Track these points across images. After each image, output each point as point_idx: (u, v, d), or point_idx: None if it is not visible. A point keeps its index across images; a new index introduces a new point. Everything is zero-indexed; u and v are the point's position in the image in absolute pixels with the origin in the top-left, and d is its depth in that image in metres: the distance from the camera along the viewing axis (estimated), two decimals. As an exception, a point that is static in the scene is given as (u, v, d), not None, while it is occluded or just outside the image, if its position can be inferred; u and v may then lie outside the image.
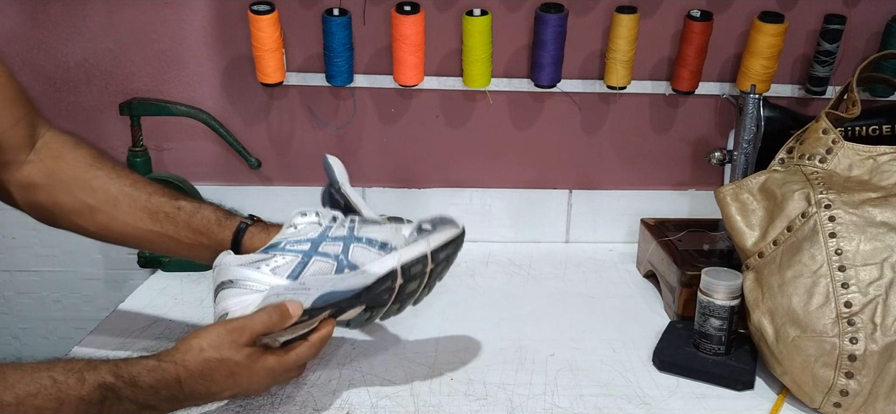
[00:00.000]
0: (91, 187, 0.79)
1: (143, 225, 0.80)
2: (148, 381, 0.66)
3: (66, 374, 0.63)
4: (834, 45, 1.11)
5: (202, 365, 0.68)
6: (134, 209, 0.80)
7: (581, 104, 1.19)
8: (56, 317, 1.28)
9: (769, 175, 0.91)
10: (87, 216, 0.80)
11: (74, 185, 0.79)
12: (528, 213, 1.24)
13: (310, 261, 0.77)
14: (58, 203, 0.79)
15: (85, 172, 0.80)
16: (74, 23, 1.12)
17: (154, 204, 0.81)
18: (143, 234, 0.81)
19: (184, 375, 0.67)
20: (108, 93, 1.16)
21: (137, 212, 0.80)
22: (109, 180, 0.80)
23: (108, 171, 0.81)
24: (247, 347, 0.71)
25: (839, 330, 0.77)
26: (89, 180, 0.80)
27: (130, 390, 0.65)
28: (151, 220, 0.81)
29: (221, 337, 0.70)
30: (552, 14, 1.07)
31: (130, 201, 0.80)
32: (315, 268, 0.76)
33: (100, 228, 0.80)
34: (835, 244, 0.80)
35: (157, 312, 0.99)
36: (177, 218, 0.81)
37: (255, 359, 0.71)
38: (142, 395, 0.65)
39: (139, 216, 0.80)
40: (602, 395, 0.83)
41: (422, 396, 0.82)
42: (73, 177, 0.79)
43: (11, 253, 1.23)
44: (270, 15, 1.05)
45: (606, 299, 1.06)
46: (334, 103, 1.18)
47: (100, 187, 0.80)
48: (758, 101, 1.01)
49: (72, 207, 0.79)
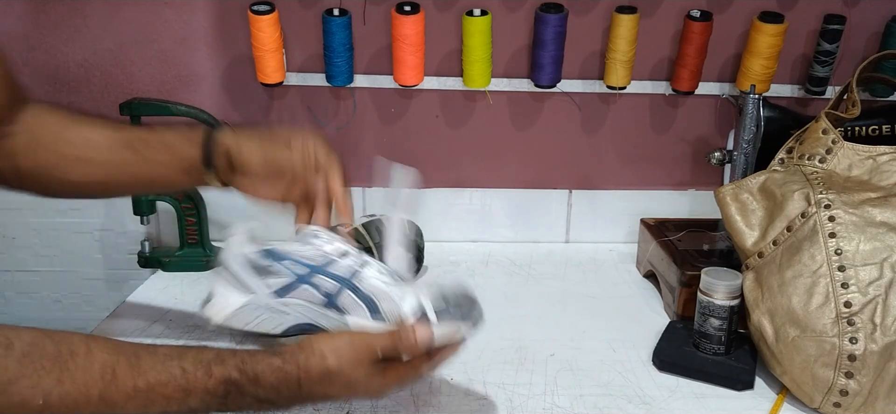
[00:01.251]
0: (69, 140, 0.80)
1: (121, 157, 0.80)
2: (271, 380, 0.66)
3: (196, 365, 0.63)
4: (834, 46, 1.11)
5: (323, 372, 0.68)
6: (111, 146, 0.80)
7: (581, 104, 1.19)
8: (56, 317, 1.28)
9: (769, 175, 0.91)
10: (66, 168, 0.80)
11: (54, 143, 0.79)
12: (528, 213, 1.24)
13: (300, 286, 0.75)
14: (39, 163, 0.79)
15: (64, 129, 0.80)
16: (75, 23, 1.12)
17: (130, 135, 0.81)
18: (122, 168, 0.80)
19: (304, 378, 0.67)
20: (109, 93, 1.16)
21: (114, 148, 0.80)
22: (86, 127, 0.81)
23: (84, 121, 0.82)
24: (369, 365, 0.69)
25: (839, 330, 0.77)
26: (67, 134, 0.80)
27: (253, 387, 0.65)
28: (130, 151, 0.80)
29: (345, 349, 0.69)
30: (552, 14, 1.07)
31: (107, 140, 0.80)
32: (302, 294, 0.75)
33: (83, 178, 0.80)
34: (834, 244, 0.80)
35: (157, 312, 0.99)
36: (150, 140, 0.81)
37: (374, 376, 0.70)
38: (263, 392, 0.66)
39: (118, 151, 0.80)
40: (602, 395, 0.83)
41: (422, 396, 0.82)
42: (53, 136, 0.80)
43: (11, 253, 1.23)
44: (270, 15, 1.05)
45: (606, 299, 1.06)
46: (334, 103, 1.18)
47: (76, 137, 0.80)
48: (758, 101, 1.01)
49: (53, 163, 0.79)
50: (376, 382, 0.70)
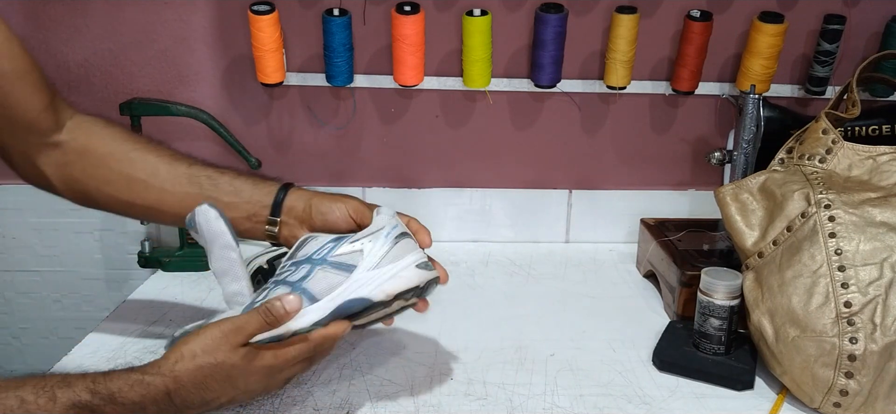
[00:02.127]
0: (129, 159, 0.80)
1: (182, 189, 0.80)
2: (131, 397, 0.62)
3: (37, 393, 0.59)
4: (834, 46, 1.11)
5: (195, 372, 0.65)
6: (174, 177, 0.80)
7: (581, 104, 1.19)
8: (56, 317, 1.28)
9: (769, 175, 0.91)
10: (123, 186, 0.80)
11: (111, 158, 0.80)
12: (528, 213, 1.24)
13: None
14: (94, 176, 0.79)
15: (122, 146, 0.81)
16: (75, 23, 1.12)
17: (194, 171, 0.81)
18: (181, 198, 0.80)
19: (173, 387, 0.64)
20: (109, 93, 1.16)
21: (177, 178, 0.80)
22: (148, 152, 0.81)
23: (145, 143, 0.82)
24: (242, 348, 0.67)
25: (839, 330, 0.77)
26: (127, 152, 0.80)
27: (110, 408, 0.61)
28: (191, 184, 0.80)
29: (216, 340, 0.66)
30: (552, 14, 1.07)
31: (170, 169, 0.81)
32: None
33: (137, 199, 0.80)
34: (834, 244, 0.80)
35: (158, 312, 0.99)
36: (218, 180, 0.81)
37: (251, 358, 0.67)
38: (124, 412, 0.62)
39: (179, 182, 0.80)
40: (602, 395, 0.83)
41: (422, 396, 0.82)
42: (110, 151, 0.80)
43: (12, 253, 1.23)
44: (270, 15, 1.05)
45: (606, 299, 1.06)
46: (334, 103, 1.18)
47: (138, 158, 0.80)
48: (758, 101, 1.01)
49: (108, 178, 0.80)
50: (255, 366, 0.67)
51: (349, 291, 0.72)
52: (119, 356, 0.87)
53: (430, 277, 0.75)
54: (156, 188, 0.80)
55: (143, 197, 0.80)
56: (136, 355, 0.87)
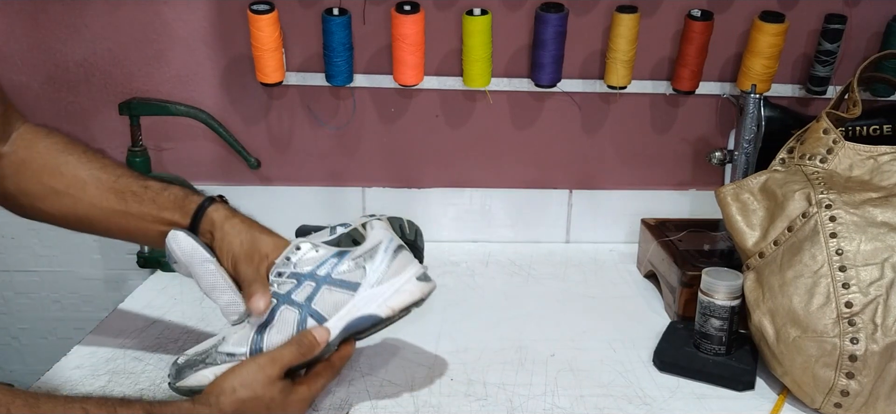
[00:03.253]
0: (60, 172, 0.79)
1: (108, 204, 0.79)
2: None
3: (99, 407, 0.62)
4: (834, 45, 1.11)
5: (237, 405, 0.68)
6: (100, 190, 0.79)
7: (581, 104, 1.19)
8: (55, 317, 1.28)
9: (770, 175, 0.91)
10: (51, 200, 0.79)
11: (42, 172, 0.79)
12: (528, 213, 1.24)
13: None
14: (23, 190, 0.79)
15: (55, 159, 0.80)
16: (74, 22, 1.12)
17: (121, 184, 0.80)
18: (107, 214, 0.79)
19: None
20: (108, 92, 1.15)
21: (104, 192, 0.79)
22: (79, 165, 0.80)
23: (78, 156, 0.81)
24: (279, 382, 0.71)
25: (840, 330, 0.77)
26: (58, 166, 0.79)
27: None
28: (117, 199, 0.79)
29: (253, 374, 0.70)
30: (552, 13, 1.07)
31: (98, 183, 0.80)
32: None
33: (64, 211, 0.80)
34: (835, 244, 0.80)
35: (157, 312, 0.99)
36: (143, 196, 0.80)
37: (288, 392, 0.72)
38: None
39: (105, 196, 0.79)
40: (602, 395, 0.83)
41: (422, 396, 0.81)
42: (43, 164, 0.79)
43: (10, 253, 1.23)
44: (270, 14, 1.05)
45: (607, 300, 1.06)
46: (334, 103, 1.17)
47: (68, 172, 0.79)
48: (758, 100, 1.01)
49: (36, 193, 0.79)
50: (292, 399, 0.72)
51: (357, 310, 0.75)
52: (118, 356, 0.87)
53: (430, 289, 0.78)
54: (84, 203, 0.79)
55: (74, 211, 0.80)
56: (136, 356, 0.87)
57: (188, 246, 0.75)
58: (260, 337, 0.74)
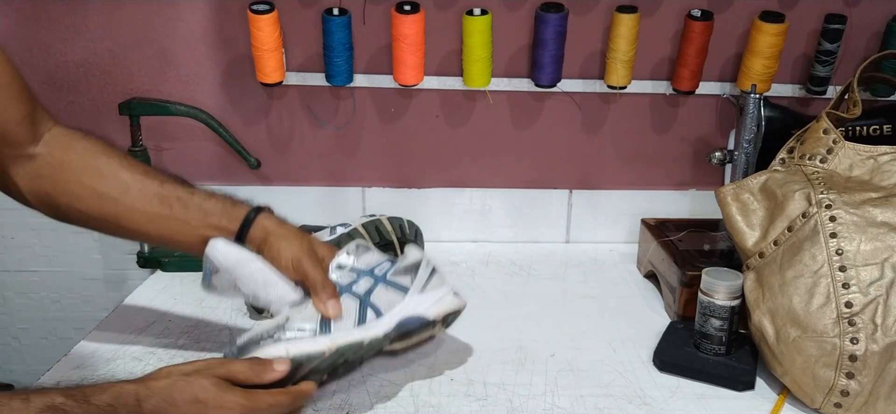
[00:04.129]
0: (101, 174, 0.79)
1: (151, 208, 0.79)
2: (104, 398, 0.63)
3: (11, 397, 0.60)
4: (834, 45, 1.11)
5: (167, 386, 0.66)
6: (144, 195, 0.80)
7: (581, 104, 1.19)
8: (55, 317, 1.28)
9: (770, 175, 0.91)
10: (93, 202, 0.79)
11: (83, 173, 0.79)
12: (529, 213, 1.24)
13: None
14: (64, 191, 0.79)
15: (95, 160, 0.80)
16: (74, 22, 1.12)
17: (166, 190, 0.80)
18: (151, 218, 0.80)
19: (143, 394, 0.65)
20: (108, 92, 1.15)
21: (148, 197, 0.80)
22: (121, 168, 0.80)
23: (119, 159, 0.81)
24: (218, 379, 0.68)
25: (840, 330, 0.77)
26: (100, 167, 0.79)
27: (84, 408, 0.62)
28: (161, 203, 0.80)
29: (198, 366, 0.69)
30: (552, 13, 1.07)
31: (142, 187, 0.80)
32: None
33: (106, 215, 0.80)
34: (835, 244, 0.80)
35: (157, 312, 0.99)
36: (189, 202, 0.80)
37: (223, 388, 0.68)
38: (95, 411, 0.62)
39: (148, 200, 0.80)
40: (602, 395, 0.83)
41: (422, 396, 0.82)
42: (83, 165, 0.79)
43: (11, 253, 1.23)
44: (270, 14, 1.05)
45: (607, 299, 1.06)
46: (334, 103, 1.17)
47: (110, 174, 0.80)
48: (758, 100, 1.01)
49: (78, 194, 0.79)
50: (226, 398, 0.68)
51: (408, 309, 0.81)
52: (118, 356, 0.87)
53: (464, 304, 0.86)
54: (125, 206, 0.79)
55: (113, 213, 0.79)
56: (136, 356, 0.87)
57: (232, 252, 0.78)
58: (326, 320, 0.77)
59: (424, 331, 0.83)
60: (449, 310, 0.84)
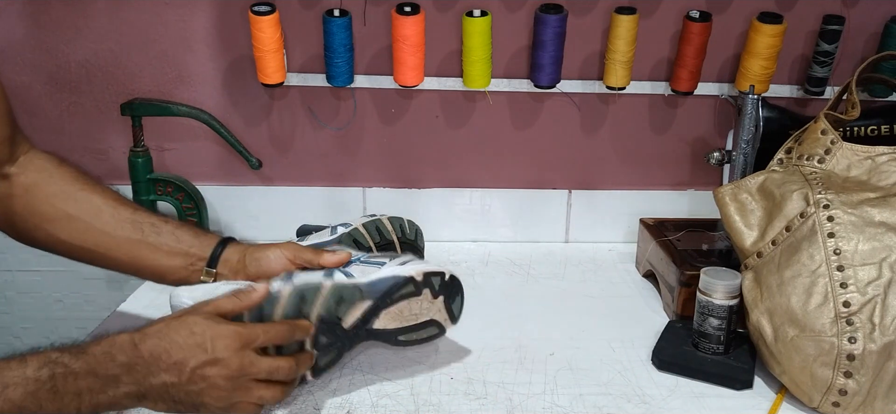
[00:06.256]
0: (74, 198, 0.81)
1: (123, 234, 0.81)
2: (101, 348, 0.64)
3: (8, 359, 0.62)
4: (833, 46, 1.12)
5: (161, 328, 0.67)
6: (116, 219, 0.81)
7: (580, 105, 1.19)
8: (57, 316, 1.28)
9: (768, 175, 0.92)
10: (62, 224, 0.80)
11: (56, 196, 0.80)
12: (528, 213, 1.25)
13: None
14: (35, 213, 0.80)
15: (70, 185, 0.81)
16: (76, 23, 1.12)
17: (138, 216, 0.82)
18: (120, 242, 0.81)
19: (138, 338, 0.66)
20: (110, 93, 1.16)
21: (120, 222, 0.81)
22: (94, 194, 0.82)
23: (93, 185, 0.82)
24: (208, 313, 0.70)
25: (838, 329, 0.77)
26: (73, 192, 0.81)
27: (82, 360, 0.63)
28: (134, 229, 0.82)
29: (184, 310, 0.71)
30: (552, 15, 1.08)
31: (114, 212, 0.82)
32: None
33: (74, 237, 0.81)
34: (833, 244, 0.81)
35: (158, 312, 0.98)
36: (161, 228, 0.83)
37: (216, 320, 0.69)
38: (95, 362, 0.63)
39: (121, 226, 0.81)
40: (601, 394, 0.83)
41: (422, 396, 0.82)
42: (57, 189, 0.80)
43: (13, 252, 1.23)
44: (271, 16, 1.05)
45: (606, 299, 1.07)
46: (335, 104, 1.18)
47: (83, 199, 0.81)
48: (756, 101, 1.01)
49: (48, 215, 0.80)
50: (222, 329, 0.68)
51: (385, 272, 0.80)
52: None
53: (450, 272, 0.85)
54: (97, 230, 0.80)
55: (84, 238, 0.80)
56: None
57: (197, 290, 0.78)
58: None
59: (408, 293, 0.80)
60: (433, 270, 0.82)
